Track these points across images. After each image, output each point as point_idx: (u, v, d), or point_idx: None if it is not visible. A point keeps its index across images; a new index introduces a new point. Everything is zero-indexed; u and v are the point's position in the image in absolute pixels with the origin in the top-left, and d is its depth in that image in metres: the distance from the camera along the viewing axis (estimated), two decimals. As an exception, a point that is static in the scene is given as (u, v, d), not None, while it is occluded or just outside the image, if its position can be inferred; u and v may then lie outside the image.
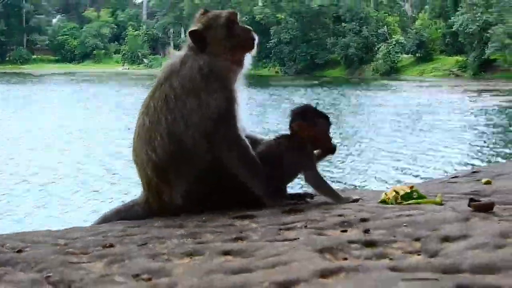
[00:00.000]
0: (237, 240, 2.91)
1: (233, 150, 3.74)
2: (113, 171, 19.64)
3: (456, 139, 25.27)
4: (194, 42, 3.88)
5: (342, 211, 3.38)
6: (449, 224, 2.80)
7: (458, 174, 5.81)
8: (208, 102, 3.69)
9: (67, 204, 15.98)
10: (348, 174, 19.11)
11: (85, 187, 17.84)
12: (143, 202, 3.96)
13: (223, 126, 3.72)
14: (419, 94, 48.14)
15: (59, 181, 18.61)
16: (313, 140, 3.90)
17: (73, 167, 20.71)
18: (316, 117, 3.94)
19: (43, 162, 21.45)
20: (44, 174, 19.54)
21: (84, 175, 19.47)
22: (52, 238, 3.15)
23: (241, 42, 3.96)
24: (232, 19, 3.98)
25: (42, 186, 17.89)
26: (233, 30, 3.94)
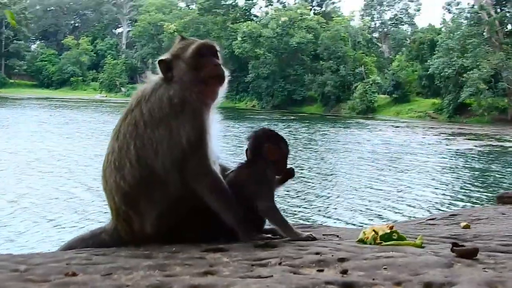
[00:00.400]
0: (207, 274, 2.77)
1: (203, 181, 3.63)
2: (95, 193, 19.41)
3: (431, 180, 25.42)
4: (162, 72, 3.79)
5: (319, 249, 3.25)
6: (432, 269, 2.68)
7: (435, 216, 5.74)
8: (178, 131, 3.58)
9: (56, 225, 15.74)
10: (322, 211, 19.01)
11: (67, 209, 17.60)
12: (111, 230, 3.83)
13: (193, 157, 3.60)
14: (396, 134, 48.64)
15: (41, 203, 18.36)
16: (275, 163, 3.88)
17: (50, 189, 20.47)
18: (280, 141, 3.94)
19: (19, 184, 21.16)
20: (24, 196, 19.24)
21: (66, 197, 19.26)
22: (13, 263, 3.00)
23: (205, 76, 3.80)
24: (201, 51, 3.83)
25: (23, 208, 17.65)
26: (199, 62, 3.80)
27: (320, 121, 63.62)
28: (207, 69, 3.81)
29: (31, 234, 14.97)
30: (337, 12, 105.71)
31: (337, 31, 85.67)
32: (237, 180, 3.80)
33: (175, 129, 3.58)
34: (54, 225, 16.00)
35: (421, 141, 42.88)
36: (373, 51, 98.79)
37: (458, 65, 65.50)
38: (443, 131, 53.10)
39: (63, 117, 55.49)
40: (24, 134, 38.28)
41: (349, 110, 79.06)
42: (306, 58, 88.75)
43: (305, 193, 21.87)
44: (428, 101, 74.58)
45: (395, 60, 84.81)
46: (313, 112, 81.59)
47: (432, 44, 75.70)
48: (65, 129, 43.21)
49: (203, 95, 3.75)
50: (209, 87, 3.82)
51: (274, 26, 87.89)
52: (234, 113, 69.28)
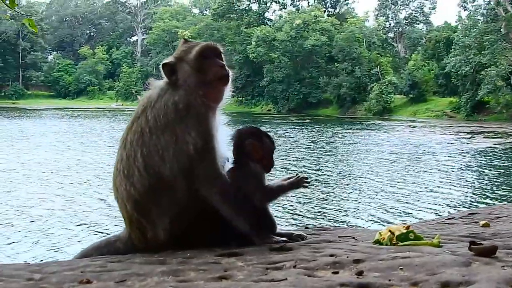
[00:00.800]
0: (221, 279, 2.75)
1: (212, 187, 3.59)
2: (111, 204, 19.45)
3: (451, 180, 25.22)
4: (166, 76, 3.76)
5: (334, 251, 3.21)
6: (449, 269, 2.63)
7: (454, 215, 5.66)
8: (184, 138, 3.55)
9: (70, 236, 15.79)
10: (341, 212, 18.92)
11: (84, 219, 17.64)
12: (125, 238, 3.82)
13: (201, 163, 3.57)
14: (414, 134, 48.35)
15: (56, 213, 18.42)
16: (261, 160, 3.84)
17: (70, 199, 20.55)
18: (264, 138, 3.90)
19: (39, 195, 21.27)
20: (41, 206, 19.32)
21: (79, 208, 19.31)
22: (28, 272, 3.00)
23: (210, 78, 3.76)
24: (204, 53, 3.80)
25: (40, 218, 17.71)
26: (201, 64, 3.76)
27: (337, 123, 63.48)
28: (212, 71, 3.77)
29: (78, 243, 14.97)
30: (351, 13, 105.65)
31: (352, 32, 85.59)
32: (237, 179, 3.76)
33: (181, 135, 3.55)
34: (96, 232, 16.02)
35: (440, 141, 42.58)
36: (388, 51, 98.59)
37: (475, 63, 65.11)
38: (461, 129, 52.72)
39: (83, 126, 55.88)
40: (48, 144, 38.52)
41: (365, 112, 78.90)
42: (321, 60, 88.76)
43: (332, 194, 21.84)
44: (445, 100, 74.16)
45: (411, 60, 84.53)
46: (329, 115, 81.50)
47: (448, 42, 75.32)
48: (88, 138, 43.43)
49: (208, 98, 3.71)
50: (214, 89, 3.77)
51: (288, 29, 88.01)
52: (250, 117, 69.38)
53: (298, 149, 37.33)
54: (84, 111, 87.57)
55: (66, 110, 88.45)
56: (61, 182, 24.15)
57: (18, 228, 16.55)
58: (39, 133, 46.91)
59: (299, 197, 20.68)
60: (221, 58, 3.86)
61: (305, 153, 35.21)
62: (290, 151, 35.99)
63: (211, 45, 3.89)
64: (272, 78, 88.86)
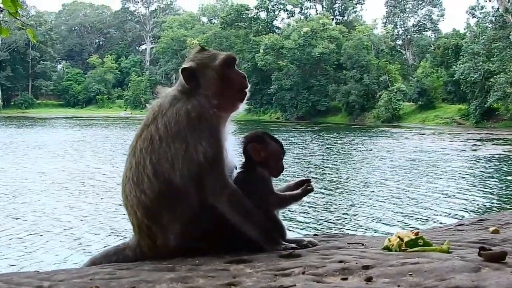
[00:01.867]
0: (230, 285, 2.74)
1: (221, 196, 3.58)
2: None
3: (460, 186, 25.12)
4: (186, 80, 3.73)
5: (343, 257, 3.20)
6: (458, 274, 2.61)
7: (464, 222, 5.63)
8: (195, 146, 3.54)
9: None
10: (349, 219, 18.88)
11: (104, 227, 17.68)
12: (134, 245, 3.81)
13: (210, 172, 3.57)
14: (422, 142, 48.20)
15: (77, 222, 18.50)
16: (264, 163, 3.84)
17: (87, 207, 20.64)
18: (269, 141, 3.91)
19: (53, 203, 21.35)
20: (57, 214, 19.40)
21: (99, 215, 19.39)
22: (37, 280, 3.01)
23: (233, 88, 3.78)
24: (229, 62, 3.81)
25: (62, 226, 17.78)
26: (227, 74, 3.77)
27: (346, 131, 63.35)
28: (237, 81, 3.80)
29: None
30: (360, 20, 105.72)
31: (360, 39, 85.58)
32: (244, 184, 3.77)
33: (192, 143, 3.54)
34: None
35: (449, 148, 42.43)
36: (397, 58, 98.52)
37: (484, 70, 64.92)
38: (471, 136, 52.51)
39: (97, 135, 56.07)
40: (66, 153, 38.67)
41: (374, 119, 78.79)
42: (329, 68, 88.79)
43: (341, 201, 21.83)
44: (454, 107, 73.94)
45: (420, 67, 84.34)
46: (338, 122, 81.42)
47: (456, 49, 75.18)
48: (104, 147, 43.53)
49: (222, 107, 3.71)
50: (231, 100, 3.79)
51: (296, 37, 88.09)
52: (259, 125, 69.33)
53: (309, 156, 37.29)
54: (94, 120, 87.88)
55: (76, 119, 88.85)
56: (86, 190, 24.23)
57: (57, 236, 16.65)
58: (56, 142, 47.10)
59: (309, 203, 20.69)
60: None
61: (316, 160, 35.17)
62: (301, 158, 35.98)
63: (234, 55, 3.90)
64: (280, 86, 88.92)
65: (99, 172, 29.33)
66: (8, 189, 24.08)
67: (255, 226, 3.62)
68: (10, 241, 15.98)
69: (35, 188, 24.47)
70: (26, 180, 26.82)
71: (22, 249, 15.12)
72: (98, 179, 27.19)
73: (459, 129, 62.82)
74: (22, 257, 14.31)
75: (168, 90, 3.85)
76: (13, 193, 23.21)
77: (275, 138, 3.98)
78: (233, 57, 3.87)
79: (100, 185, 25.54)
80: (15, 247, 15.36)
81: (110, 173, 28.77)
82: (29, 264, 13.33)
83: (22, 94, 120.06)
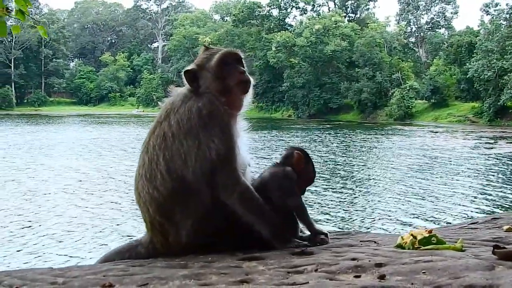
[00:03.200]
0: (242, 283, 2.74)
1: (233, 193, 3.59)
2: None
3: (474, 185, 25.00)
4: (187, 82, 3.79)
5: (356, 255, 3.20)
6: (472, 272, 2.59)
7: (477, 220, 5.59)
8: (207, 144, 3.57)
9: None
10: (362, 216, 18.84)
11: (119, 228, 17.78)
12: (146, 242, 3.83)
13: (222, 169, 3.59)
14: (435, 140, 47.97)
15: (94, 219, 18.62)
16: (301, 173, 3.92)
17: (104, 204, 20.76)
18: (310, 160, 4.06)
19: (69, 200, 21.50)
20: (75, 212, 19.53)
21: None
22: (51, 276, 3.04)
23: (231, 84, 3.79)
24: (225, 60, 3.82)
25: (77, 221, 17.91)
26: (223, 71, 3.79)
27: (359, 129, 63.17)
28: (232, 77, 3.80)
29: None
30: (372, 18, 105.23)
31: (372, 37, 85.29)
32: (263, 182, 3.83)
33: (204, 140, 3.56)
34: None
35: (463, 145, 42.22)
36: (410, 56, 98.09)
37: (497, 67, 64.47)
38: (484, 134, 52.22)
39: (113, 132, 56.22)
40: (87, 151, 38.83)
41: (387, 117, 78.54)
42: (341, 65, 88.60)
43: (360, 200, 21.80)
44: (467, 105, 73.53)
45: (433, 65, 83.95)
46: (350, 120, 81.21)
47: (470, 47, 74.70)
48: (123, 144, 43.64)
49: (229, 105, 3.74)
50: (235, 96, 3.81)
51: (308, 34, 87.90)
52: (271, 123, 69.34)
53: (324, 153, 37.23)
54: (107, 117, 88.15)
55: (89, 117, 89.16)
56: (111, 189, 24.33)
57: (91, 231, 16.84)
58: (73, 140, 47.32)
59: (322, 201, 20.67)
60: (242, 65, 3.89)
61: (330, 158, 35.12)
62: (316, 155, 35.91)
63: (232, 51, 3.91)
64: (292, 84, 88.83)
65: (123, 169, 29.44)
66: (35, 187, 24.24)
67: (266, 224, 3.63)
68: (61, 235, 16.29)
69: (61, 187, 24.56)
70: (57, 177, 27.09)
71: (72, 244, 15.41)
72: (122, 179, 27.28)
73: (472, 127, 62.48)
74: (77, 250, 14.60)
75: (180, 89, 3.89)
76: (45, 191, 23.42)
77: (312, 161, 4.12)
78: (230, 54, 3.88)
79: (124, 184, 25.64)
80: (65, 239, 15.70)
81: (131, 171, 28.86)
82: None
83: (35, 92, 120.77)
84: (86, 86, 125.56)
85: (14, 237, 16.23)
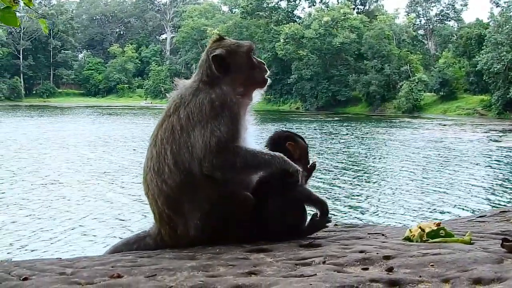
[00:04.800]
0: (250, 274, 2.75)
1: (235, 163, 3.58)
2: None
3: (483, 178, 24.94)
4: (216, 67, 3.74)
5: (364, 247, 3.20)
6: (481, 265, 2.59)
7: (486, 213, 5.58)
8: (212, 131, 3.56)
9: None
10: (370, 209, 18.85)
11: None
12: (154, 234, 3.85)
13: (221, 152, 3.56)
14: (444, 132, 47.79)
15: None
16: (299, 158, 3.92)
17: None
18: (298, 139, 4.03)
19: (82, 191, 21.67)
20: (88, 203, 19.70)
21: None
22: (60, 266, 3.07)
23: (257, 77, 3.86)
24: (252, 49, 3.90)
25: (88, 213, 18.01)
26: (252, 62, 3.85)
27: (367, 121, 63.02)
28: (260, 71, 3.86)
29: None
30: (381, 10, 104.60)
31: (381, 29, 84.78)
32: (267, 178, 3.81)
33: (209, 129, 3.56)
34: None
35: (471, 139, 42.04)
36: (419, 48, 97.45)
37: (507, 60, 64.02)
38: (493, 128, 51.98)
39: (126, 124, 56.33)
40: (103, 143, 39.04)
41: (395, 109, 78.22)
42: (350, 58, 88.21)
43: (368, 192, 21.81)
44: (476, 98, 73.09)
45: (442, 57, 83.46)
46: (358, 113, 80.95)
47: (479, 39, 74.15)
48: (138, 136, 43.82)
49: (245, 95, 3.76)
50: (252, 88, 3.85)
51: (316, 26, 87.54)
52: (278, 115, 69.27)
53: (332, 145, 37.22)
54: (116, 109, 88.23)
55: (98, 109, 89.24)
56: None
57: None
58: (89, 131, 47.41)
59: (330, 193, 20.69)
60: None
61: (339, 150, 35.09)
62: (324, 148, 35.91)
63: (253, 44, 3.98)
64: (300, 76, 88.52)
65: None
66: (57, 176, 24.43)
67: (277, 164, 3.66)
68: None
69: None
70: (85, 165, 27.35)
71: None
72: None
73: (481, 120, 62.18)
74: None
75: (187, 82, 3.88)
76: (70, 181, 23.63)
77: (299, 135, 4.10)
78: (253, 48, 3.94)
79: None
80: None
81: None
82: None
83: (44, 83, 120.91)
84: (95, 78, 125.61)
85: (55, 225, 16.46)
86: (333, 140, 41.53)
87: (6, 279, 2.73)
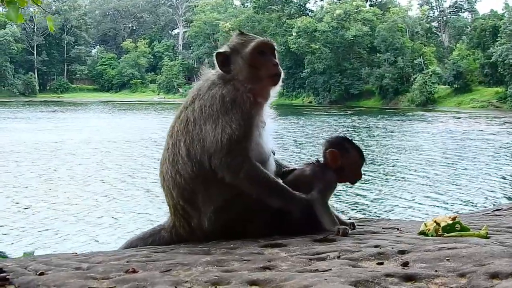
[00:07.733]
0: (265, 269, 2.74)
1: (240, 171, 3.54)
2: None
3: (498, 171, 24.77)
4: (219, 65, 3.75)
5: (379, 242, 3.18)
6: (497, 260, 2.57)
7: (502, 207, 5.53)
8: (223, 128, 3.54)
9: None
10: (385, 204, 18.79)
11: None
12: (169, 226, 3.86)
13: (230, 152, 3.54)
14: (459, 126, 47.49)
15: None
16: (341, 170, 3.83)
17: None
18: (350, 149, 3.89)
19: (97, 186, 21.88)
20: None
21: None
22: (76, 261, 3.08)
23: (263, 75, 3.75)
24: (260, 49, 3.78)
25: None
26: (257, 60, 3.75)
27: (381, 115, 62.67)
28: (266, 68, 3.76)
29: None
30: (394, 2, 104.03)
31: (394, 22, 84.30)
32: (297, 177, 3.81)
33: (221, 125, 3.55)
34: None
35: (486, 131, 41.78)
36: (432, 40, 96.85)
37: (523, 51, 63.51)
38: (508, 120, 51.58)
39: (142, 120, 56.47)
40: (123, 139, 39.21)
41: (408, 103, 77.82)
42: (363, 51, 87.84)
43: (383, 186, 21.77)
44: (491, 90, 72.53)
45: (456, 49, 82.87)
46: (371, 106, 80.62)
47: (494, 30, 73.49)
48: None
49: (256, 94, 3.70)
50: (264, 86, 3.78)
51: (329, 20, 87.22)
52: (291, 109, 69.11)
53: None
54: (130, 104, 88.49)
55: (112, 104, 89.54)
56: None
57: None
58: (109, 126, 47.63)
59: (345, 187, 20.66)
60: (275, 56, 3.85)
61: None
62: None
63: (268, 41, 3.88)
64: (313, 70, 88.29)
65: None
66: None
67: (279, 198, 3.61)
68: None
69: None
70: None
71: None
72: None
73: (495, 113, 61.72)
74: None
75: (209, 74, 3.87)
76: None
77: (356, 145, 3.96)
78: (266, 44, 3.84)
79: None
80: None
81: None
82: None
83: (58, 79, 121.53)
84: (108, 73, 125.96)
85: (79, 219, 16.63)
86: (347, 134, 41.36)
87: (23, 274, 2.74)
